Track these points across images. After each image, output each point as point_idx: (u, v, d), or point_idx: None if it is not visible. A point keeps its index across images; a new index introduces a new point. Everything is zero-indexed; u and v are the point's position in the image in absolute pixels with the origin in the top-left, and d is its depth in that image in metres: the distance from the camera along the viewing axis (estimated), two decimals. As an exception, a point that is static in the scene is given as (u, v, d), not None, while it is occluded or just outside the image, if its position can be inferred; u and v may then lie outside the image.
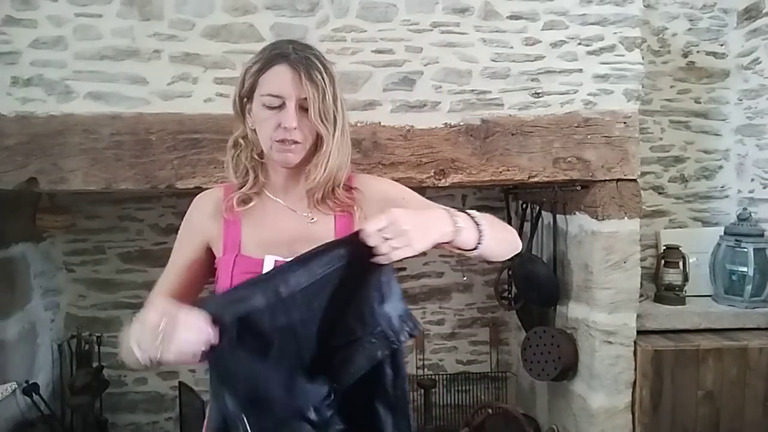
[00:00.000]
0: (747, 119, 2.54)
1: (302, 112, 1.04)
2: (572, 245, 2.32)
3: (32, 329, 2.50)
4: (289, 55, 1.04)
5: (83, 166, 1.87)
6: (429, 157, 1.99)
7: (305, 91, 1.02)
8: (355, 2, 1.94)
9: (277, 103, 1.03)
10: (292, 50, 1.04)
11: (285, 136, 1.04)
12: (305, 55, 1.04)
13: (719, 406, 2.13)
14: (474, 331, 3.06)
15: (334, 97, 1.05)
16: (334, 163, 1.08)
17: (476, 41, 2.00)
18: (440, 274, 3.01)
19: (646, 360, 2.12)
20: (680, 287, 2.37)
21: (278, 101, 1.03)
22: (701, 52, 2.60)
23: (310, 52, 1.06)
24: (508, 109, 2.03)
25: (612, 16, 2.04)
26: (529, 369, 2.36)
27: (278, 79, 1.03)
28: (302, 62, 1.03)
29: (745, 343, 2.13)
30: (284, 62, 1.03)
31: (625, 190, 2.10)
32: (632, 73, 2.06)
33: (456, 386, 3.00)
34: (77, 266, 2.81)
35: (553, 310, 2.42)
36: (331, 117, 1.05)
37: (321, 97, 1.03)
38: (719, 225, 2.53)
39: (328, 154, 1.07)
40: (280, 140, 1.05)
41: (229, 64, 1.90)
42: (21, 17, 1.84)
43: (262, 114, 1.05)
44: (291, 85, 1.03)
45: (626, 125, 2.07)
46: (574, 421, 2.30)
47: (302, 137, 1.05)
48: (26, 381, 2.32)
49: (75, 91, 1.87)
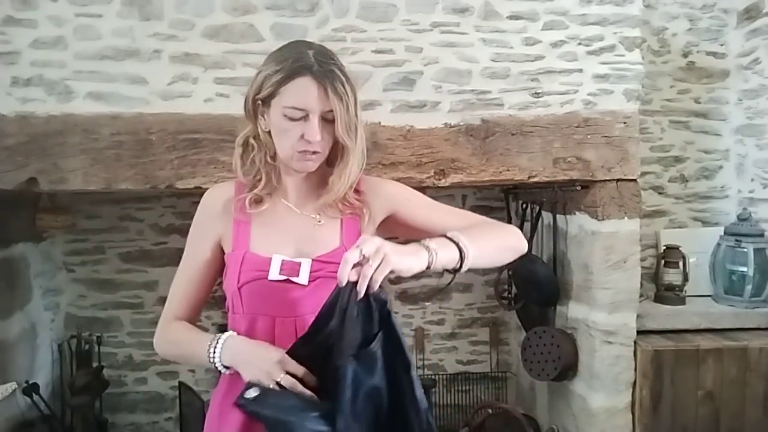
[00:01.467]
0: (747, 119, 2.54)
1: (324, 122, 1.05)
2: (572, 245, 2.32)
3: (32, 329, 2.50)
4: (312, 66, 1.02)
5: (83, 166, 1.87)
6: (429, 157, 1.99)
7: (330, 104, 1.03)
8: (355, 2, 1.94)
9: (300, 116, 1.04)
10: (315, 61, 1.03)
11: (307, 147, 1.05)
12: (329, 68, 1.03)
13: (719, 406, 2.13)
14: (474, 331, 3.06)
15: (355, 108, 1.06)
16: (354, 174, 1.09)
17: (476, 41, 2.00)
18: (440, 274, 3.01)
19: (646, 360, 2.12)
20: (680, 287, 2.37)
21: (301, 114, 1.03)
22: (701, 52, 2.60)
23: (333, 64, 1.05)
24: (508, 109, 2.03)
25: (612, 16, 2.04)
26: (529, 369, 2.36)
27: (302, 92, 1.03)
28: (327, 76, 1.02)
29: (745, 343, 2.13)
30: (308, 74, 1.02)
31: (625, 190, 2.10)
32: (632, 73, 2.06)
33: (456, 386, 3.00)
34: (77, 266, 2.81)
35: (553, 310, 2.42)
36: (354, 128, 1.06)
37: (345, 109, 1.03)
38: (719, 225, 2.53)
39: (347, 164, 1.08)
40: (302, 151, 1.06)
41: (229, 64, 1.90)
42: (21, 17, 1.84)
43: (283, 124, 1.05)
44: (315, 99, 1.03)
45: (626, 125, 2.07)
46: (574, 421, 2.30)
47: (322, 147, 1.07)
48: (26, 381, 2.32)
49: (75, 91, 1.87)
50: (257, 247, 1.09)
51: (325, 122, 1.05)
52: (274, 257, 1.06)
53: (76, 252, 2.80)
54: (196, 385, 2.76)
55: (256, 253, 1.08)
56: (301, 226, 1.12)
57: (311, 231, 1.11)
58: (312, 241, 1.09)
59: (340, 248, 1.09)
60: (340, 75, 1.04)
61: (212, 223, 1.15)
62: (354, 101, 1.05)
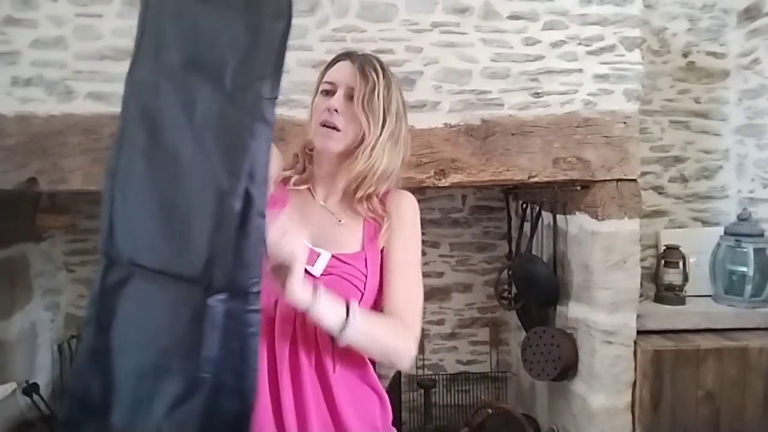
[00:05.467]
0: (747, 119, 2.54)
1: (350, 101, 1.09)
2: (572, 245, 2.32)
3: (32, 329, 2.50)
4: (353, 54, 1.16)
5: (83, 166, 1.87)
6: (429, 157, 1.99)
7: (354, 81, 1.09)
8: (355, 2, 1.94)
9: (330, 89, 1.12)
10: (357, 53, 1.16)
11: (327, 117, 1.09)
12: (366, 56, 1.15)
13: (719, 406, 2.12)
14: (474, 331, 3.05)
15: (385, 97, 1.10)
16: (377, 162, 1.10)
17: (476, 41, 2.00)
18: (440, 274, 3.01)
19: (646, 360, 2.12)
20: (680, 287, 2.37)
21: (331, 87, 1.12)
22: (701, 52, 2.60)
23: (373, 57, 1.16)
24: (508, 109, 2.03)
25: (612, 16, 2.04)
26: (529, 369, 2.36)
27: (337, 69, 1.14)
28: (361, 59, 1.13)
29: (745, 343, 2.13)
30: (347, 58, 1.14)
31: (625, 190, 2.10)
32: (632, 73, 2.06)
33: (456, 386, 3.00)
34: (77, 266, 2.80)
35: (553, 310, 2.41)
36: (377, 112, 1.09)
37: (369, 89, 1.09)
38: (719, 225, 2.53)
39: (370, 149, 1.09)
40: (322, 123, 1.10)
41: (229, 64, 1.90)
42: (21, 17, 1.84)
43: (317, 101, 1.13)
44: (345, 75, 1.11)
45: (626, 125, 2.07)
46: (574, 421, 2.30)
47: (343, 125, 1.09)
48: (26, 381, 2.32)
49: (75, 91, 1.87)
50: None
51: (350, 102, 1.09)
52: None
53: (76, 252, 2.80)
54: (196, 385, 2.76)
55: None
56: (323, 220, 1.14)
57: (331, 228, 1.13)
58: (329, 238, 1.10)
59: (360, 252, 1.10)
60: (373, 61, 1.13)
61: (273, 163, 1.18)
62: (386, 90, 1.10)
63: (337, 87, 1.10)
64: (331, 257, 1.07)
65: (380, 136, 1.09)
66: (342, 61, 1.14)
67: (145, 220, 0.70)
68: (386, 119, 1.10)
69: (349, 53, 1.16)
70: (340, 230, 1.13)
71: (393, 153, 1.12)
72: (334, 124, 1.09)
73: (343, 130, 1.09)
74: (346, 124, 1.09)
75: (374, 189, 1.12)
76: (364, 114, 1.08)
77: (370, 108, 1.08)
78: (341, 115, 1.09)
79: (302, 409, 1.04)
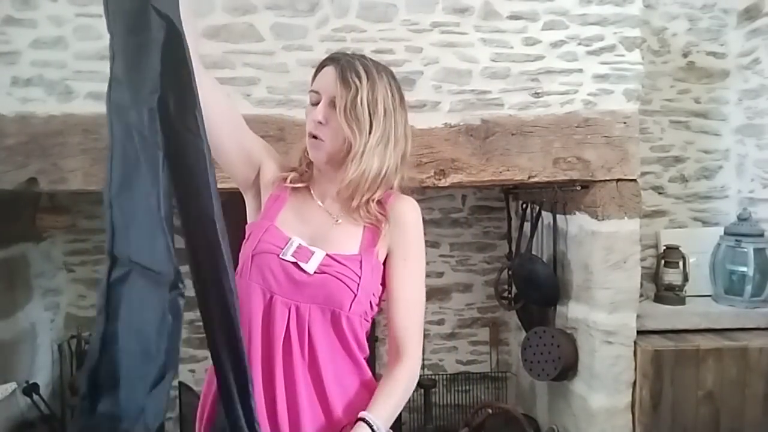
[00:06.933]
0: (747, 119, 2.54)
1: (334, 110, 1.07)
2: (572, 245, 2.32)
3: (32, 329, 2.50)
4: (339, 58, 1.09)
5: (83, 166, 1.87)
6: (429, 157, 1.99)
7: (336, 89, 1.06)
8: (355, 2, 1.94)
9: (316, 99, 1.09)
10: (343, 56, 1.10)
11: (311, 129, 1.09)
12: (351, 61, 1.09)
13: (719, 406, 2.13)
14: (474, 331, 3.06)
15: (370, 102, 1.07)
16: (367, 168, 1.08)
17: (476, 41, 2.00)
18: (440, 274, 3.01)
19: (646, 360, 2.12)
20: (680, 287, 2.37)
21: (316, 96, 1.09)
22: (701, 52, 2.60)
23: (359, 58, 1.10)
24: (508, 109, 2.03)
25: (612, 16, 2.04)
26: (529, 369, 2.36)
27: (321, 78, 1.10)
28: (344, 64, 1.08)
29: (745, 343, 2.13)
30: (331, 63, 1.09)
31: (625, 190, 2.10)
32: (632, 73, 2.06)
33: (456, 386, 3.00)
34: (77, 266, 2.80)
35: (553, 310, 2.42)
36: (363, 119, 1.06)
37: (351, 97, 1.05)
38: (719, 225, 2.53)
39: (359, 156, 1.08)
40: (309, 133, 1.10)
41: (229, 64, 1.90)
42: (21, 17, 1.84)
43: (307, 110, 1.13)
44: (327, 83, 1.08)
45: (626, 125, 2.07)
46: (574, 421, 2.30)
47: (326, 135, 1.08)
48: (26, 381, 2.32)
49: (75, 91, 1.87)
50: (282, 224, 1.12)
51: (334, 110, 1.07)
52: (294, 239, 1.08)
53: (76, 252, 2.80)
54: (196, 385, 2.76)
55: (280, 229, 1.11)
56: (321, 220, 1.14)
57: (328, 228, 1.13)
58: (326, 237, 1.10)
59: (357, 255, 1.09)
60: (357, 65, 1.08)
61: (271, 165, 1.17)
62: (370, 95, 1.06)
63: (321, 96, 1.08)
64: (326, 256, 1.07)
65: (368, 142, 1.07)
66: (326, 67, 1.10)
67: (137, 223, 0.81)
68: (372, 124, 1.07)
69: (333, 57, 1.11)
70: (338, 231, 1.12)
71: (385, 155, 1.10)
72: (315, 134, 1.09)
73: (327, 141, 1.08)
74: (331, 133, 1.08)
75: (370, 194, 1.11)
76: (347, 123, 1.05)
77: (353, 116, 1.05)
78: (325, 126, 1.07)
79: (294, 405, 1.05)
